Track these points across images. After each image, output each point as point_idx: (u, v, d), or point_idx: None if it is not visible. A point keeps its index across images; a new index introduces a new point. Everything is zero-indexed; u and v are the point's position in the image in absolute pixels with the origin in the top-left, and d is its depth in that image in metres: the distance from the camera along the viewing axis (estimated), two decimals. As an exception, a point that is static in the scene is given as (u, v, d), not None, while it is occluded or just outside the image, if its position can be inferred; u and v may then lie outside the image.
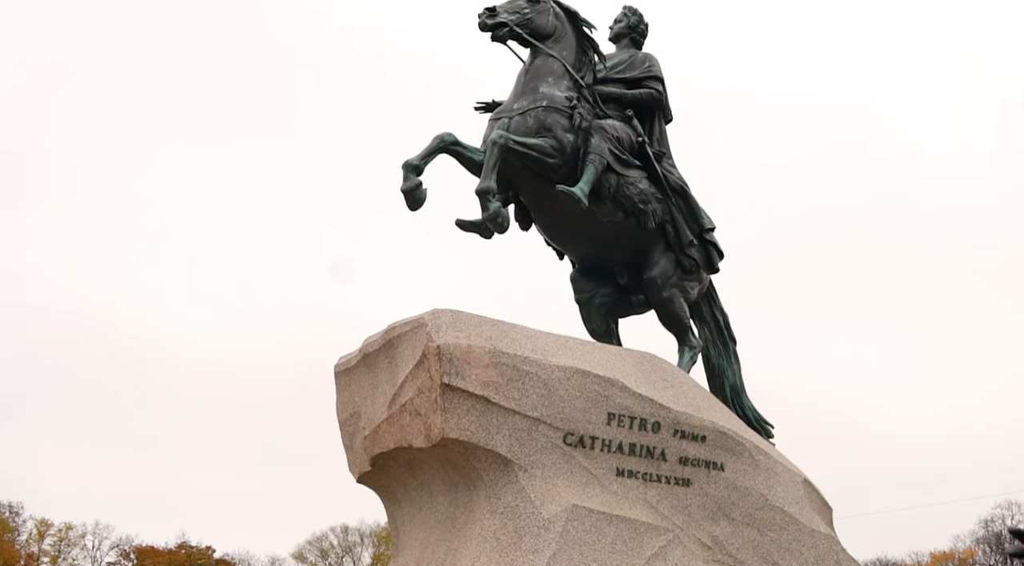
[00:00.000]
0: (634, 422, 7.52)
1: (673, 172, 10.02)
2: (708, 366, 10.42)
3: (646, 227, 9.50)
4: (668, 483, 7.56)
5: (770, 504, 7.84)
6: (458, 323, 7.21)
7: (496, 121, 9.07)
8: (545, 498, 7.02)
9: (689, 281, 9.85)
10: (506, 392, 7.10)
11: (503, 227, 8.73)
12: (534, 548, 6.83)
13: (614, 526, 7.14)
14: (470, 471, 7.09)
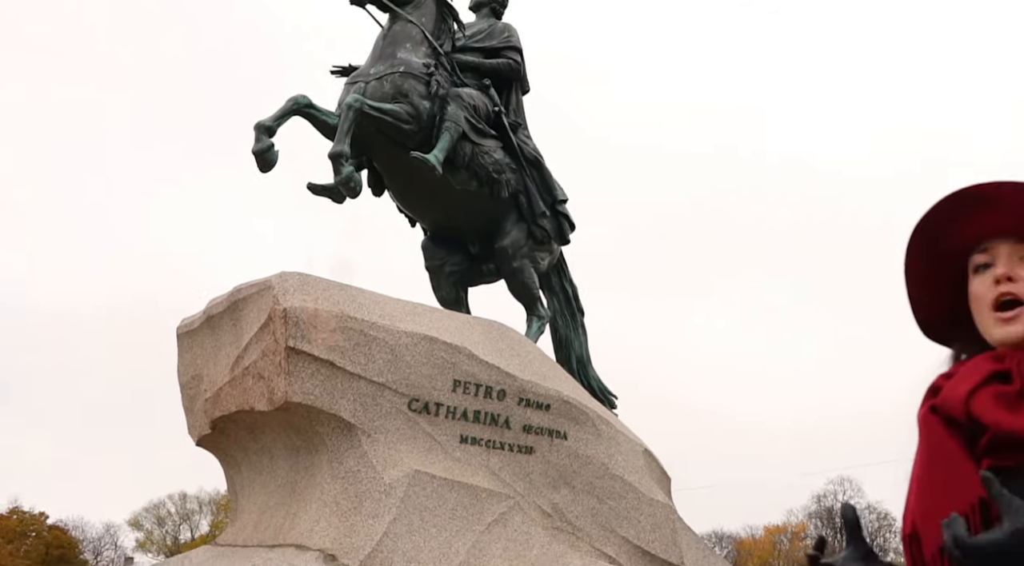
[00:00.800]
0: (480, 390, 7.56)
1: (528, 143, 10.07)
2: (556, 337, 10.54)
3: (499, 197, 9.53)
4: (511, 451, 7.62)
5: (610, 473, 7.97)
6: (305, 286, 7.14)
7: (352, 85, 8.99)
8: (387, 463, 7.02)
9: (540, 252, 9.93)
10: (352, 357, 7.06)
11: (355, 192, 8.67)
12: (374, 513, 6.83)
13: (456, 492, 7.17)
14: (312, 435, 7.05)
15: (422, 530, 6.93)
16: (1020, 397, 2.01)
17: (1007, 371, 2.05)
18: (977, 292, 2.17)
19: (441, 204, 9.45)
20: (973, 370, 2.10)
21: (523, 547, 7.30)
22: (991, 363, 2.09)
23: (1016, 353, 2.08)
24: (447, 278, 9.88)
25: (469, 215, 9.57)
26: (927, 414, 2.12)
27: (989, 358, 2.11)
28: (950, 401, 2.07)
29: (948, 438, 2.05)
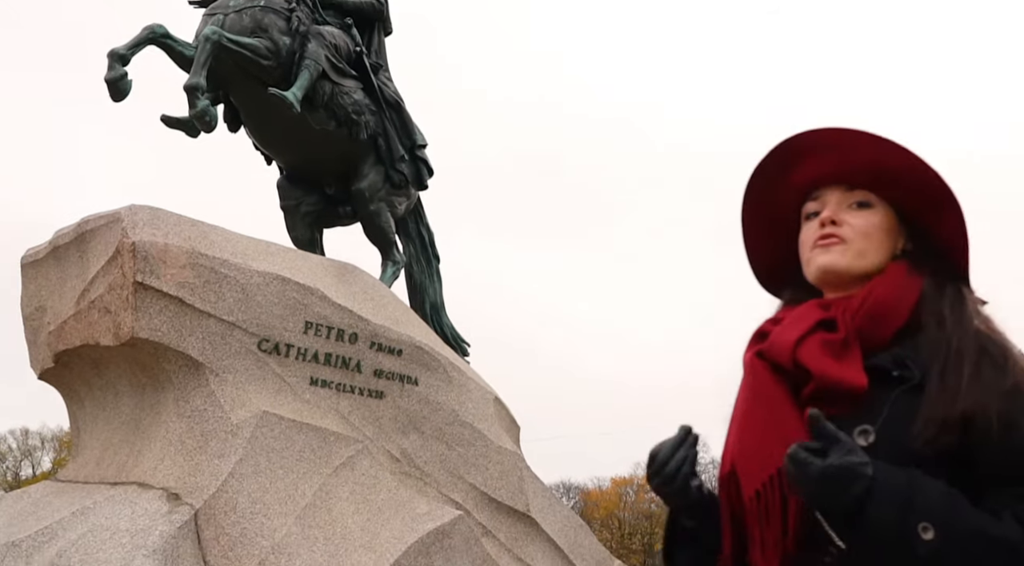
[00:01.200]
0: (331, 332, 7.49)
1: (389, 85, 9.97)
2: (410, 282, 10.52)
3: (358, 138, 9.42)
4: (361, 394, 7.58)
5: (460, 420, 8.00)
6: (156, 220, 6.95)
7: (211, 17, 8.75)
8: (235, 403, 6.92)
9: (398, 196, 9.86)
10: (202, 294, 6.92)
11: (210, 126, 8.48)
12: (220, 452, 6.73)
13: (304, 434, 7.11)
14: (159, 373, 6.89)
15: (268, 471, 6.86)
16: (845, 346, 2.08)
17: (833, 319, 2.12)
18: (805, 236, 2.24)
19: (298, 143, 9.30)
20: (801, 318, 2.16)
21: (370, 491, 7.30)
22: (818, 311, 2.15)
23: (841, 301, 2.15)
24: (302, 219, 9.73)
25: (326, 156, 9.44)
26: (753, 358, 2.18)
27: (816, 306, 2.18)
28: (778, 348, 2.12)
29: (773, 383, 2.11)
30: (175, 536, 6.25)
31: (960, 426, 1.94)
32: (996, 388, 1.98)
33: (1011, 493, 1.93)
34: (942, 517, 1.84)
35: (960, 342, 2.05)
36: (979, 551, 1.85)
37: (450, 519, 7.38)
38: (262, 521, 6.69)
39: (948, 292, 2.15)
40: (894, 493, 1.86)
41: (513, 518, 8.08)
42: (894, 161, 2.14)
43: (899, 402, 2.00)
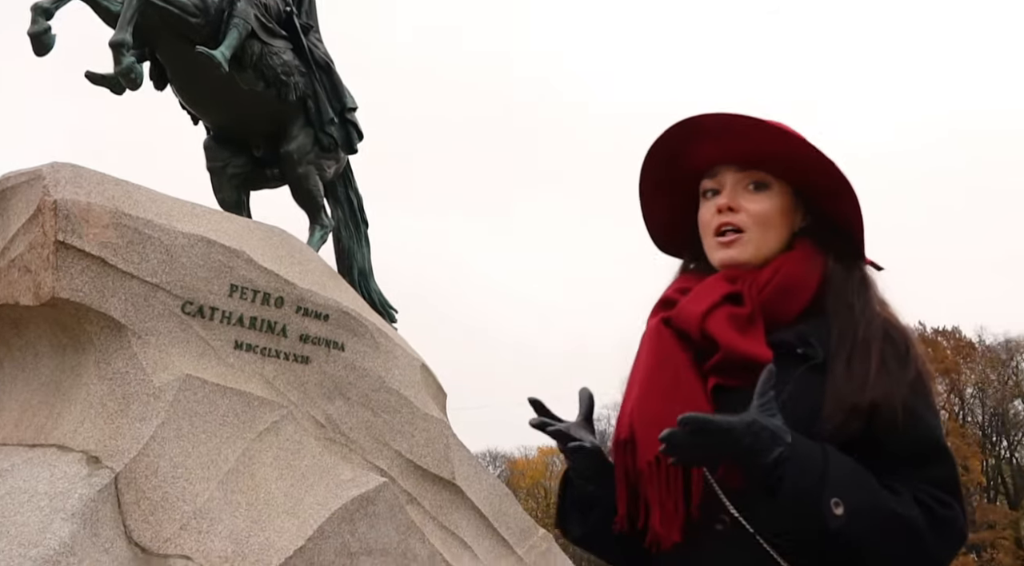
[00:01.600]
0: (257, 296, 7.40)
1: (320, 47, 9.86)
2: (338, 247, 10.45)
3: (287, 100, 9.31)
4: (287, 359, 7.51)
5: (386, 386, 7.96)
6: (79, 179, 6.81)
7: (138, -29, 8.56)
8: (158, 366, 6.82)
9: (327, 159, 9.77)
10: (125, 255, 6.79)
11: (136, 83, 8.33)
12: (142, 416, 6.63)
13: (228, 398, 7.03)
14: (80, 334, 6.77)
15: (191, 435, 6.77)
16: (750, 321, 2.11)
17: (739, 293, 2.14)
18: (703, 218, 2.27)
19: (225, 103, 9.17)
20: (709, 290, 2.18)
21: (294, 457, 7.24)
22: (726, 284, 2.18)
23: (748, 275, 2.18)
24: (229, 180, 9.59)
25: (254, 117, 9.31)
26: (659, 325, 2.20)
27: (724, 279, 2.20)
28: (686, 317, 2.14)
29: (678, 351, 2.13)
30: (95, 499, 6.16)
31: (866, 414, 1.98)
32: (901, 378, 2.03)
33: (908, 474, 1.99)
34: (852, 493, 1.88)
35: (867, 330, 2.09)
36: (884, 529, 1.89)
37: (375, 486, 7.36)
38: (184, 485, 6.61)
39: (855, 276, 2.20)
40: (811, 465, 1.88)
41: (438, 486, 8.07)
42: (790, 150, 2.17)
43: (802, 379, 2.03)
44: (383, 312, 10.11)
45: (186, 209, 7.41)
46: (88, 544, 6.00)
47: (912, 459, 2.00)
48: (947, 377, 44.61)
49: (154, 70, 9.10)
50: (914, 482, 1.97)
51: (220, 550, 6.55)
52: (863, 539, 1.88)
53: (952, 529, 1.97)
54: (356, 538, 7.13)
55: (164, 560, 6.38)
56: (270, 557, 6.67)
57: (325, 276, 8.15)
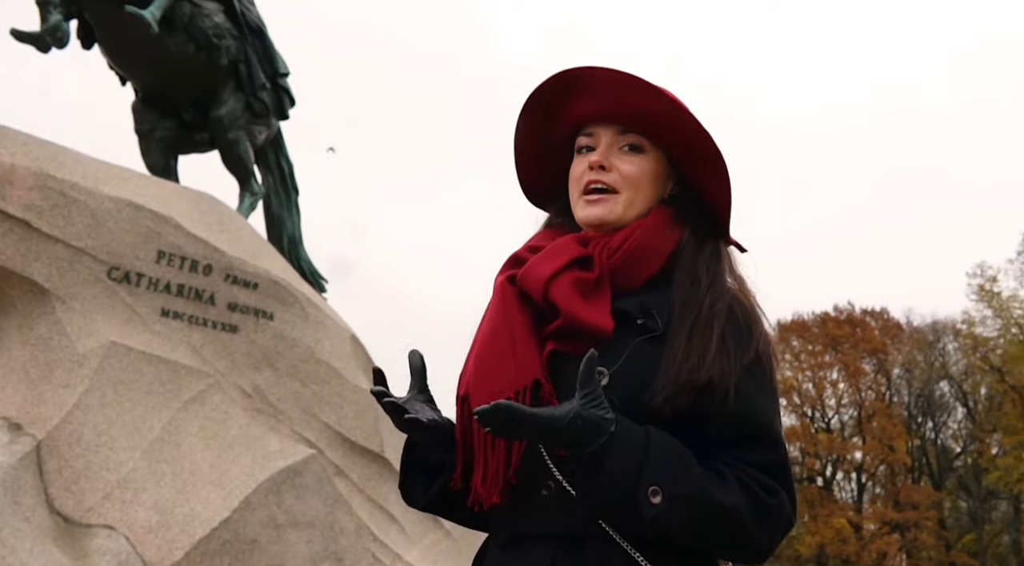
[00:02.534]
0: (185, 263, 7.27)
1: (252, 10, 9.69)
2: (268, 215, 10.32)
3: (218, 63, 9.14)
4: (214, 328, 7.39)
5: (316, 357, 7.88)
6: (2, 139, 6.66)
7: (65, -74, 8.34)
8: (82, 333, 6.68)
9: (257, 125, 9.62)
10: (50, 218, 6.64)
11: (62, 42, 8.14)
12: (66, 382, 6.50)
13: (153, 366, 6.91)
14: (2, 298, 6.61)
15: (116, 403, 6.65)
16: (597, 286, 2.07)
17: (589, 256, 2.11)
18: (574, 173, 2.22)
19: (154, 65, 8.98)
20: (558, 251, 2.13)
21: (221, 427, 7.14)
22: (576, 247, 2.13)
23: (601, 239, 2.14)
24: (157, 144, 9.39)
25: (184, 80, 9.13)
26: (504, 283, 2.16)
27: (576, 240, 2.16)
28: (530, 279, 2.10)
29: (519, 312, 2.09)
30: (16, 467, 6.03)
31: (700, 391, 1.96)
32: (738, 359, 2.01)
33: (735, 455, 1.97)
34: (671, 481, 1.87)
35: (711, 306, 2.06)
36: (701, 517, 1.89)
37: (302, 458, 7.29)
38: (108, 454, 6.49)
39: (707, 249, 2.17)
40: (630, 453, 1.87)
41: (367, 458, 8.01)
42: (665, 111, 2.14)
43: (638, 350, 2.01)
44: (313, 282, 10.01)
45: (113, 172, 7.26)
46: (8, 513, 5.87)
47: (739, 440, 1.98)
48: (874, 357, 45.21)
49: (81, 29, 8.88)
50: (740, 464, 1.96)
51: (144, 520, 6.45)
52: (680, 527, 1.89)
53: (776, 517, 1.96)
54: (283, 510, 7.06)
55: (87, 530, 6.27)
56: (195, 528, 6.58)
57: (255, 244, 8.04)
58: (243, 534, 6.77)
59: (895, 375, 46.62)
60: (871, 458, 44.95)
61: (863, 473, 45.75)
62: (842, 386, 46.00)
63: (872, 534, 42.29)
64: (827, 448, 44.18)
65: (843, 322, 45.59)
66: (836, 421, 46.38)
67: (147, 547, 6.37)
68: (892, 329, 46.45)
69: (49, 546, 6.03)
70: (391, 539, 7.87)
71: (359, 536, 7.55)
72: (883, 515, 42.88)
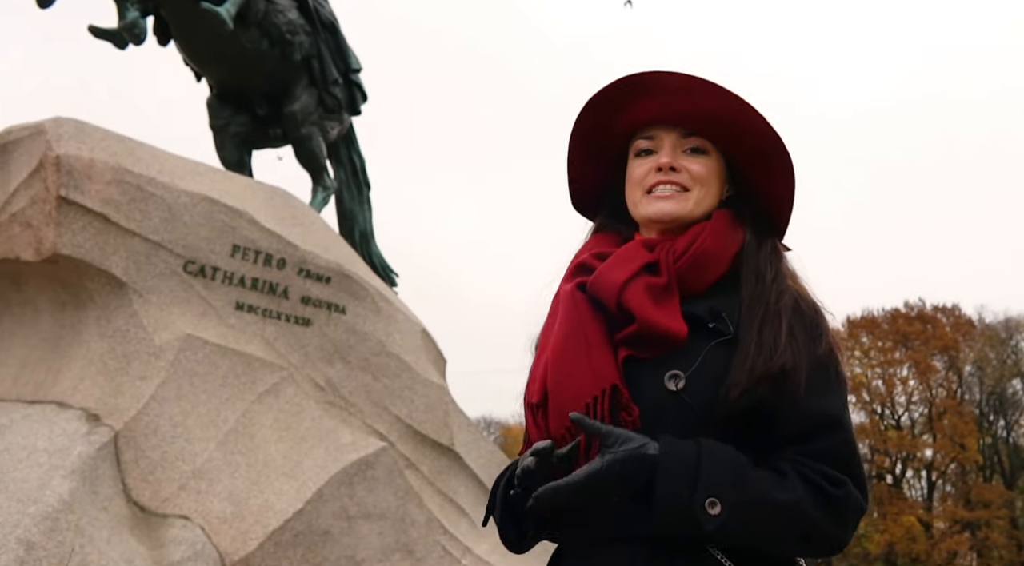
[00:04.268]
0: (259, 256, 7.35)
1: (325, 6, 9.77)
2: (340, 209, 10.39)
3: (291, 59, 9.23)
4: (288, 321, 7.47)
5: (387, 350, 7.92)
6: (81, 134, 6.75)
7: (142, -75, 8.46)
8: (159, 325, 6.78)
9: (330, 120, 9.70)
10: (127, 212, 6.74)
11: (139, 38, 8.26)
12: (143, 374, 6.60)
13: (228, 359, 7.00)
14: (81, 291, 6.72)
15: (191, 395, 6.74)
16: (666, 291, 2.09)
17: (657, 262, 2.13)
18: (635, 175, 2.23)
19: (229, 61, 9.09)
20: (628, 257, 2.15)
21: (294, 419, 7.21)
22: (645, 253, 2.15)
23: (666, 243, 2.16)
24: (231, 139, 9.50)
25: (258, 75, 9.23)
26: (574, 290, 2.17)
27: (642, 246, 2.18)
28: (603, 287, 2.11)
29: (592, 319, 2.11)
30: (94, 457, 6.13)
31: (774, 381, 1.98)
32: (809, 350, 2.03)
33: (799, 449, 1.98)
34: (728, 490, 1.88)
35: (777, 300, 2.08)
36: (764, 519, 1.90)
37: (374, 450, 7.34)
38: (183, 445, 6.58)
39: (766, 247, 2.19)
40: (680, 471, 1.89)
41: (437, 451, 8.06)
42: (734, 113, 2.16)
43: (712, 354, 2.02)
44: (384, 275, 10.07)
45: (189, 167, 7.36)
46: (87, 502, 5.98)
47: (804, 432, 1.99)
48: (945, 355, 44.56)
49: (158, 25, 9.01)
50: (803, 459, 1.97)
51: (219, 511, 6.53)
52: (745, 533, 1.90)
53: (844, 508, 1.96)
54: (354, 502, 7.11)
55: (163, 519, 6.36)
56: (268, 519, 6.65)
57: (327, 238, 8.10)
58: (316, 525, 6.83)
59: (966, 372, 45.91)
60: (941, 456, 44.37)
61: (933, 471, 45.20)
62: (912, 383, 45.43)
63: (942, 533, 41.78)
64: (897, 446, 43.68)
65: (914, 319, 45.03)
66: (906, 418, 45.84)
67: (222, 537, 6.46)
68: (964, 326, 45.74)
69: (126, 535, 6.13)
70: (461, 532, 7.90)
71: (430, 529, 7.59)
72: (953, 514, 42.33)
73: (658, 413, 1.98)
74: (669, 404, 1.98)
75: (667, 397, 1.99)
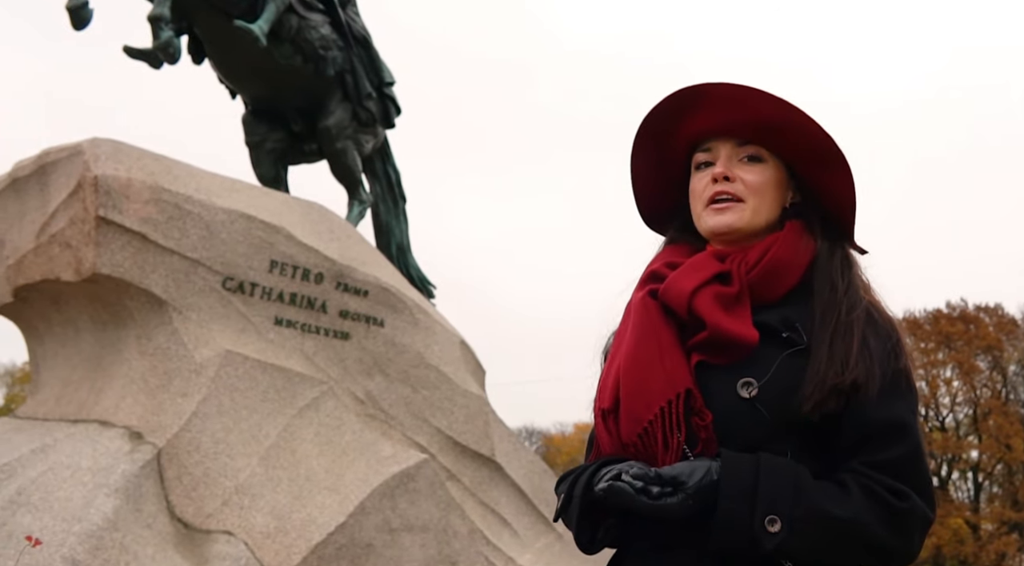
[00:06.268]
0: (297, 271, 7.39)
1: (357, 20, 9.81)
2: (376, 222, 10.42)
3: (324, 74, 9.27)
4: (327, 335, 7.50)
5: (426, 362, 7.94)
6: (119, 154, 6.81)
7: (174, -54, 8.52)
8: (199, 342, 6.82)
9: (364, 134, 9.73)
10: (165, 230, 6.79)
11: (174, 58, 8.30)
12: (184, 391, 6.64)
13: (268, 374, 7.03)
14: (121, 310, 6.78)
15: (232, 411, 6.78)
16: (737, 300, 2.11)
17: (728, 272, 2.15)
18: (696, 188, 2.25)
19: (263, 78, 9.14)
20: (699, 267, 2.18)
21: (335, 433, 7.24)
22: (715, 263, 2.18)
23: (738, 254, 2.18)
24: (267, 155, 9.55)
25: (292, 91, 9.28)
26: (646, 297, 2.19)
27: (713, 257, 2.20)
28: (674, 294, 2.14)
29: (664, 325, 2.13)
30: (137, 475, 6.17)
31: (846, 394, 1.99)
32: (882, 363, 2.03)
33: (864, 461, 1.98)
34: (788, 506, 1.89)
35: (849, 312, 2.08)
36: (824, 535, 1.90)
37: (415, 462, 7.34)
38: (226, 461, 6.62)
39: (838, 256, 2.20)
40: (740, 489, 1.90)
41: (478, 462, 8.06)
42: (784, 119, 2.17)
43: (785, 363, 2.03)
44: (421, 288, 10.08)
45: (226, 184, 7.40)
46: (131, 519, 6.02)
47: (870, 441, 1.99)
48: (989, 355, 44.05)
49: (192, 44, 9.08)
50: (866, 470, 1.97)
51: (262, 526, 6.56)
52: (805, 549, 1.89)
53: (908, 521, 1.95)
54: (397, 514, 7.12)
55: (207, 535, 6.39)
56: (312, 533, 6.67)
57: (364, 252, 8.13)
58: (359, 538, 6.84)
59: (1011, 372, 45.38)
60: (988, 457, 43.85)
61: (980, 472, 44.69)
62: (956, 384, 44.92)
63: (990, 534, 41.28)
64: (942, 447, 43.21)
65: (956, 319, 44.53)
66: (951, 420, 45.35)
67: (265, 552, 6.48)
68: (1007, 325, 45.20)
69: (170, 552, 6.17)
70: (504, 542, 7.90)
71: (472, 540, 7.58)
72: (1001, 515, 41.83)
73: (729, 419, 2.00)
74: (741, 411, 2.00)
75: (739, 404, 2.00)
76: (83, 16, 7.89)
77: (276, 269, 7.30)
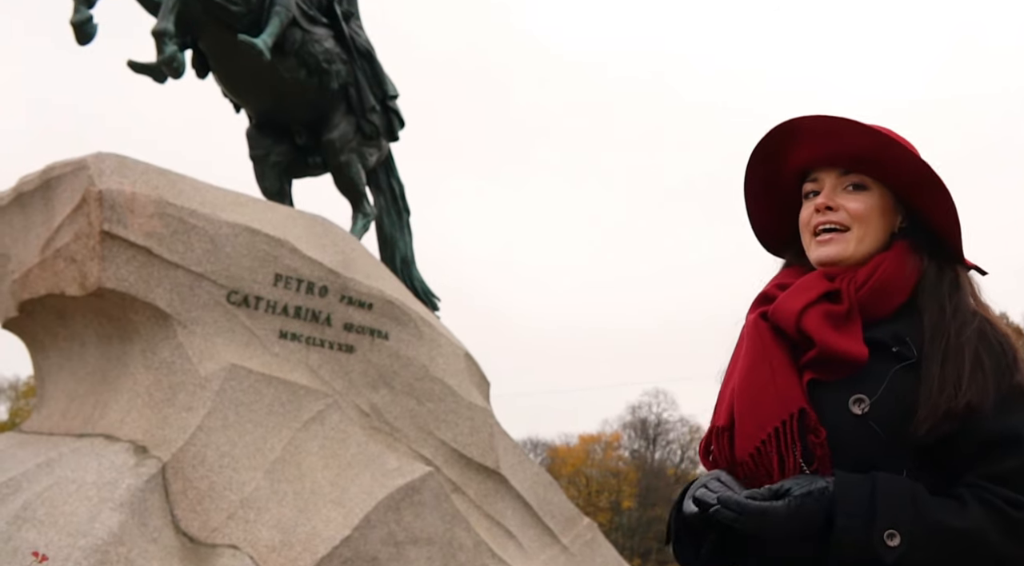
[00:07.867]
0: (301, 285, 7.40)
1: (361, 34, 9.83)
2: (381, 235, 10.43)
3: (328, 87, 9.29)
4: (331, 348, 7.50)
5: (430, 375, 7.94)
6: (123, 169, 6.83)
7: (178, -40, 8.55)
8: (203, 356, 6.83)
9: (368, 147, 9.75)
10: (170, 245, 6.81)
11: (178, 72, 8.32)
12: (189, 405, 6.65)
13: (273, 388, 7.04)
14: (126, 324, 6.79)
15: (237, 425, 6.78)
16: (847, 318, 2.13)
17: (837, 291, 2.18)
18: (804, 218, 2.31)
19: (267, 91, 9.16)
20: (807, 287, 2.22)
21: (340, 446, 7.24)
22: (824, 282, 2.21)
23: (847, 274, 2.21)
24: (271, 168, 9.58)
25: (296, 105, 9.30)
26: (758, 319, 2.23)
27: (822, 277, 2.23)
28: (783, 314, 2.18)
29: (775, 345, 2.16)
30: (143, 489, 6.18)
31: (960, 417, 1.99)
32: (996, 380, 2.04)
33: (980, 474, 1.98)
34: (907, 520, 1.90)
35: (959, 334, 2.09)
36: (943, 548, 1.90)
37: (420, 475, 7.35)
38: (231, 475, 6.62)
39: (947, 276, 2.21)
40: (857, 504, 1.92)
41: (483, 474, 8.05)
42: (879, 148, 2.20)
43: (896, 378, 2.05)
44: (426, 300, 10.09)
45: (230, 198, 7.42)
46: (136, 534, 6.02)
47: (986, 453, 1.99)
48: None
49: (196, 59, 9.10)
50: (983, 483, 1.97)
51: (267, 539, 6.56)
52: (926, 563, 1.90)
53: None
54: (402, 527, 7.12)
55: (212, 549, 6.39)
56: (317, 546, 6.67)
57: (369, 265, 8.14)
58: (364, 551, 6.84)
59: (1018, 381, 45.29)
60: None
61: None
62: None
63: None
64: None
65: None
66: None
67: (271, 566, 6.48)
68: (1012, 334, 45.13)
69: (176, 566, 6.17)
70: (509, 555, 7.89)
71: (478, 552, 7.58)
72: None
73: (841, 436, 2.02)
74: (853, 427, 2.02)
75: (851, 421, 2.02)
76: (88, 31, 7.93)
77: (280, 282, 7.31)
